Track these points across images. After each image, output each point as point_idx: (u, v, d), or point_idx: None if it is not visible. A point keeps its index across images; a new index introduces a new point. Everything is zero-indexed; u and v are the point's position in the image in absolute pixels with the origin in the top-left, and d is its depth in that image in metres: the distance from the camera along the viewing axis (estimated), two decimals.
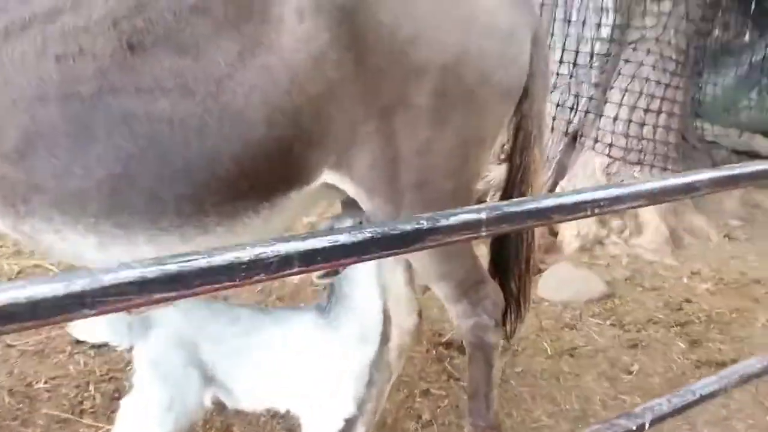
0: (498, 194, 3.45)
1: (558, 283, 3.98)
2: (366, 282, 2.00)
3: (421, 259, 2.00)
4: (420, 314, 2.41)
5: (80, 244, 1.75)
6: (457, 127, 1.79)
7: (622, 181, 4.80)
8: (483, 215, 1.10)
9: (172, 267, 0.84)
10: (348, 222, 1.96)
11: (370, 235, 0.99)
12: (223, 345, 1.99)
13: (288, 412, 2.16)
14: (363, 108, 1.72)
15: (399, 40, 1.69)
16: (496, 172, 4.54)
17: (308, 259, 0.94)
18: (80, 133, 1.60)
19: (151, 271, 0.82)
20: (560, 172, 5.01)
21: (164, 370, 1.95)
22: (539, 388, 3.07)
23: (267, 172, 1.72)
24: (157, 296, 0.83)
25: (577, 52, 4.54)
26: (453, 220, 1.07)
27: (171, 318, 1.98)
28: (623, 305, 3.89)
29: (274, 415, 2.79)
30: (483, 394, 2.26)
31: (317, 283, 1.96)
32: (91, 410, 2.74)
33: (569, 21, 4.56)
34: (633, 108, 4.57)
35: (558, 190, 4.84)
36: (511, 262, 2.25)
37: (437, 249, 1.91)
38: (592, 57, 4.56)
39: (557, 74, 4.62)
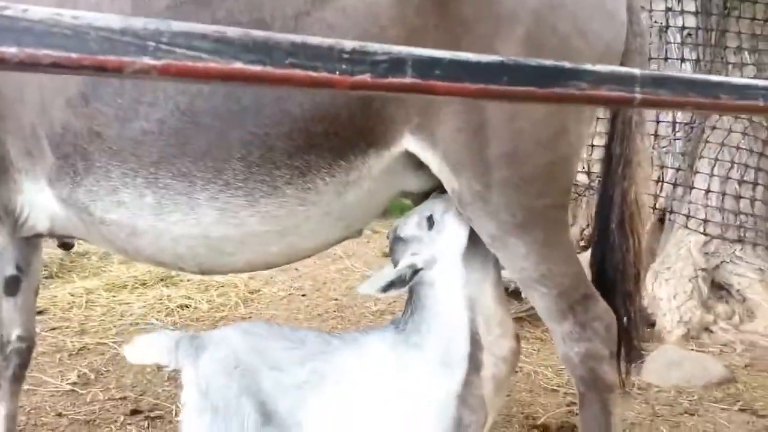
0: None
1: (666, 366, 3.45)
2: (449, 288, 1.73)
3: (518, 257, 1.71)
4: (517, 338, 2.02)
5: (136, 207, 1.61)
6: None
7: (722, 262, 4.34)
8: (637, 71, 0.87)
9: (260, 34, 0.65)
10: (415, 217, 1.74)
11: (502, 59, 0.78)
12: (285, 373, 1.71)
13: None
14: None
15: None
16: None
17: (424, 69, 0.73)
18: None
19: (234, 31, 0.63)
20: (649, 256, 4.60)
21: (215, 400, 1.67)
22: None
23: (344, 119, 1.57)
24: (237, 66, 0.63)
25: (657, 122, 4.35)
26: (602, 68, 0.85)
27: (226, 338, 1.74)
28: (749, 391, 3.29)
29: None
30: None
31: (378, 296, 1.70)
32: None
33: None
34: (726, 179, 4.23)
35: (650, 275, 4.40)
36: (617, 277, 1.91)
37: (536, 242, 1.65)
38: (674, 126, 4.35)
39: None
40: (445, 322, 1.71)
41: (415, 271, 1.66)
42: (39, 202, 1.70)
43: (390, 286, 1.64)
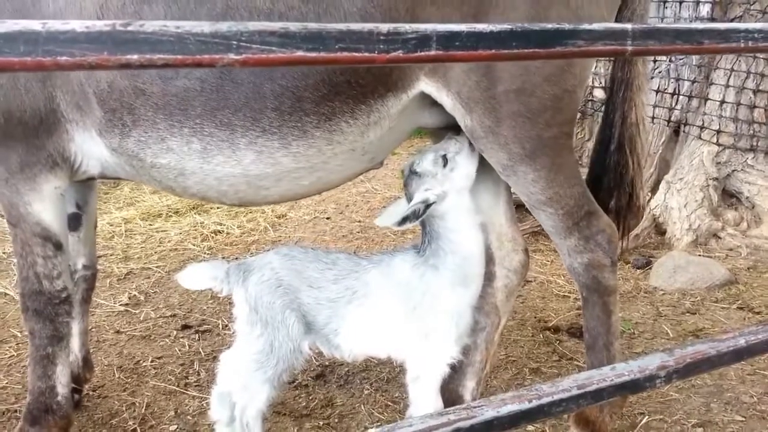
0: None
1: (672, 271, 3.68)
2: (460, 218, 1.92)
3: (527, 183, 1.88)
4: (527, 252, 2.24)
5: (184, 152, 1.79)
6: (555, 21, 1.72)
7: (734, 171, 4.46)
8: (628, 26, 1.01)
9: (314, 26, 0.81)
10: (430, 155, 1.90)
11: (510, 27, 0.93)
12: (321, 290, 1.95)
13: (390, 359, 2.06)
14: (458, 7, 1.69)
15: None
16: None
17: (446, 42, 0.88)
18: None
19: (295, 26, 0.79)
20: (664, 167, 4.72)
21: (263, 315, 1.93)
22: None
23: (363, 68, 1.70)
24: (299, 54, 0.80)
25: None
26: (596, 26, 0.99)
27: (269, 262, 1.97)
28: (749, 291, 3.53)
29: (377, 388, 2.68)
30: (603, 345, 2.06)
31: (396, 228, 1.88)
32: (196, 384, 2.75)
33: (665, 1, 4.38)
34: (741, 89, 4.26)
35: (663, 185, 4.55)
36: (610, 199, 2.09)
37: (543, 168, 1.82)
38: None
39: (654, 60, 4.41)
40: (459, 246, 1.90)
41: (428, 205, 1.84)
42: (90, 150, 1.88)
43: (405, 220, 1.82)
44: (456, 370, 2.10)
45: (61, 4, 1.69)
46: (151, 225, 4.98)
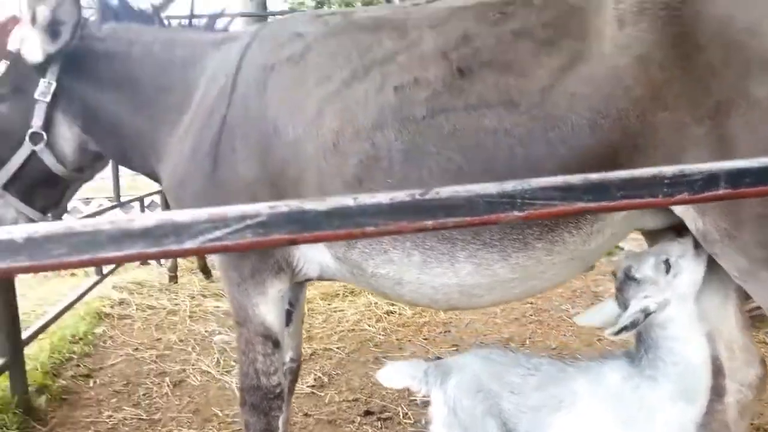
0: None
1: None
2: (684, 327, 1.74)
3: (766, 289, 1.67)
4: (764, 364, 1.97)
5: (404, 264, 1.85)
6: None
7: None
8: None
9: (595, 177, 0.79)
10: (651, 259, 1.76)
11: None
12: (523, 396, 1.86)
13: None
14: (692, 109, 1.60)
15: (734, 31, 1.58)
16: None
17: (735, 180, 0.81)
18: (414, 151, 1.75)
19: (576, 179, 0.78)
20: None
21: (463, 419, 1.87)
22: None
23: None
24: (580, 205, 0.78)
25: None
26: None
27: (469, 364, 1.92)
28: None
29: None
30: None
31: (612, 338, 1.74)
32: None
33: None
34: None
35: None
36: None
37: None
38: None
39: None
40: (681, 357, 1.73)
41: (647, 314, 1.70)
42: (314, 257, 2.03)
43: (623, 330, 1.70)
44: None
45: (300, 132, 1.87)
46: (329, 305, 5.24)
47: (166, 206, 6.78)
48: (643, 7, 1.63)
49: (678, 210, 1.68)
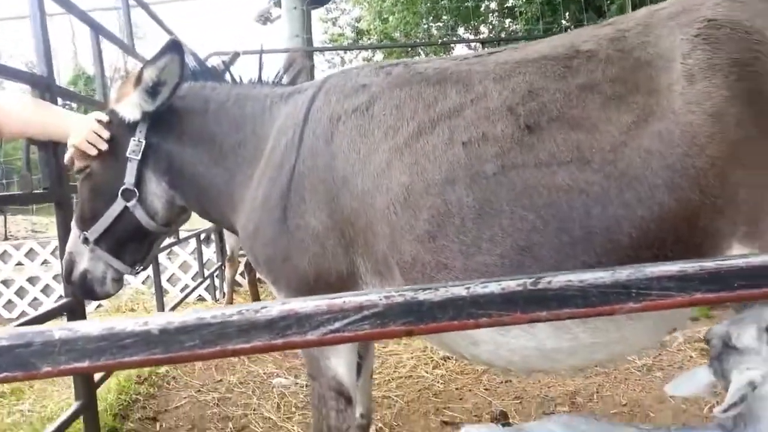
0: None
1: None
2: None
3: None
4: None
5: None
6: None
7: None
8: None
9: (711, 265, 0.77)
10: (752, 328, 1.67)
11: None
12: None
13: None
14: None
15: None
16: None
17: None
18: (485, 209, 1.73)
19: (692, 266, 0.77)
20: None
21: None
22: None
23: (671, 241, 1.61)
24: (698, 296, 0.76)
25: None
26: None
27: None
28: None
29: None
30: None
31: (720, 417, 1.65)
32: None
33: None
34: None
35: None
36: None
37: None
38: None
39: None
40: None
41: (754, 387, 1.61)
42: None
43: (731, 407, 1.61)
44: None
45: (369, 185, 1.91)
46: (384, 348, 5.20)
47: (221, 241, 6.97)
48: (713, 63, 1.59)
49: None
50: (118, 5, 4.85)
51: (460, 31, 16.17)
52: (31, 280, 7.94)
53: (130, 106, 2.26)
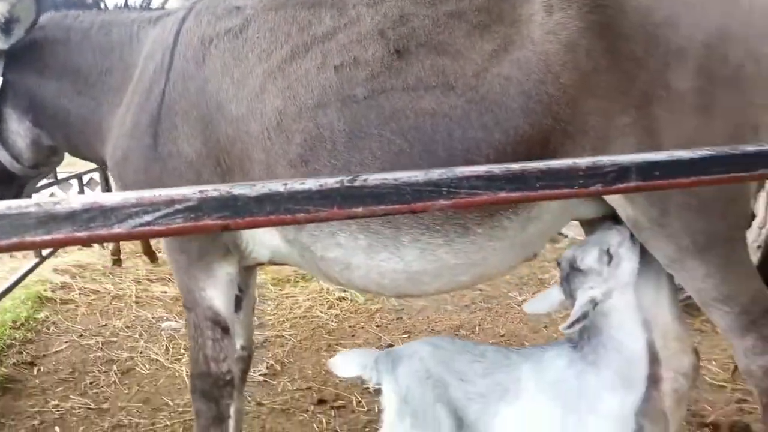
0: None
1: None
2: (624, 315, 1.82)
3: (697, 278, 1.77)
4: (696, 353, 2.08)
5: (351, 248, 1.87)
6: (726, 113, 1.64)
7: None
8: None
9: (516, 167, 0.83)
10: (594, 250, 1.83)
11: (710, 153, 0.90)
12: (471, 384, 1.90)
13: None
14: (619, 98, 1.66)
15: (655, 22, 1.64)
16: None
17: (646, 173, 0.87)
18: (356, 133, 1.77)
19: (498, 168, 0.83)
20: None
21: (414, 407, 1.90)
22: None
23: None
24: (503, 194, 0.82)
25: None
26: None
27: (417, 352, 1.96)
28: None
29: None
30: None
31: (566, 333, 1.80)
32: None
33: None
34: None
35: None
36: None
37: (715, 263, 1.70)
38: None
39: None
40: (621, 345, 1.79)
41: (595, 304, 1.77)
42: (263, 239, 2.03)
43: (575, 323, 1.75)
44: None
45: (243, 110, 1.87)
46: (281, 291, 5.23)
47: (106, 184, 6.61)
48: None
49: (609, 198, 1.75)
50: None
51: None
52: None
53: None
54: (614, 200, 1.76)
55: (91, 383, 3.56)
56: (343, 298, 4.94)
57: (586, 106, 1.68)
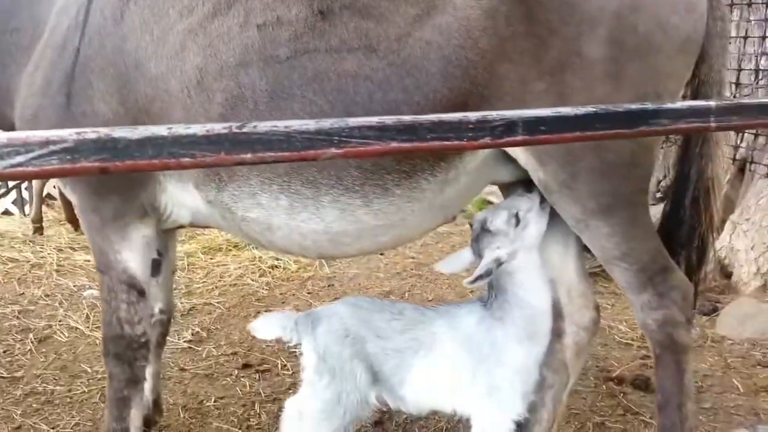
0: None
1: (741, 319, 3.53)
2: (528, 275, 1.92)
3: (601, 237, 1.87)
4: (597, 309, 2.21)
5: (272, 208, 1.87)
6: (633, 81, 1.72)
7: None
8: (712, 104, 1.02)
9: (407, 119, 0.85)
10: (504, 213, 1.91)
11: (594, 110, 0.95)
12: (388, 340, 1.96)
13: (455, 413, 2.04)
14: (534, 65, 1.72)
15: None
16: None
17: (532, 127, 0.91)
18: (278, 92, 1.75)
19: (390, 119, 0.84)
20: (728, 206, 4.56)
21: (332, 364, 1.95)
22: (735, 425, 2.66)
23: None
24: (394, 145, 0.84)
25: (739, 71, 4.23)
26: (680, 105, 1.00)
27: (337, 312, 2.00)
28: None
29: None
30: (675, 406, 2.00)
31: (468, 287, 1.89)
32: (258, 426, 2.80)
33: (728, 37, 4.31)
34: None
35: (728, 225, 4.40)
36: (681, 252, 2.05)
37: (618, 223, 1.81)
38: (757, 74, 4.23)
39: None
40: (527, 303, 1.90)
41: (499, 263, 1.85)
42: (183, 200, 1.98)
43: (478, 278, 1.84)
44: (522, 428, 2.07)
45: (163, 68, 1.81)
46: (212, 259, 5.13)
47: None
48: None
49: (521, 161, 1.82)
50: None
51: None
52: None
53: None
54: (528, 164, 1.83)
55: (5, 352, 3.42)
56: (276, 267, 4.91)
57: (503, 72, 1.72)
